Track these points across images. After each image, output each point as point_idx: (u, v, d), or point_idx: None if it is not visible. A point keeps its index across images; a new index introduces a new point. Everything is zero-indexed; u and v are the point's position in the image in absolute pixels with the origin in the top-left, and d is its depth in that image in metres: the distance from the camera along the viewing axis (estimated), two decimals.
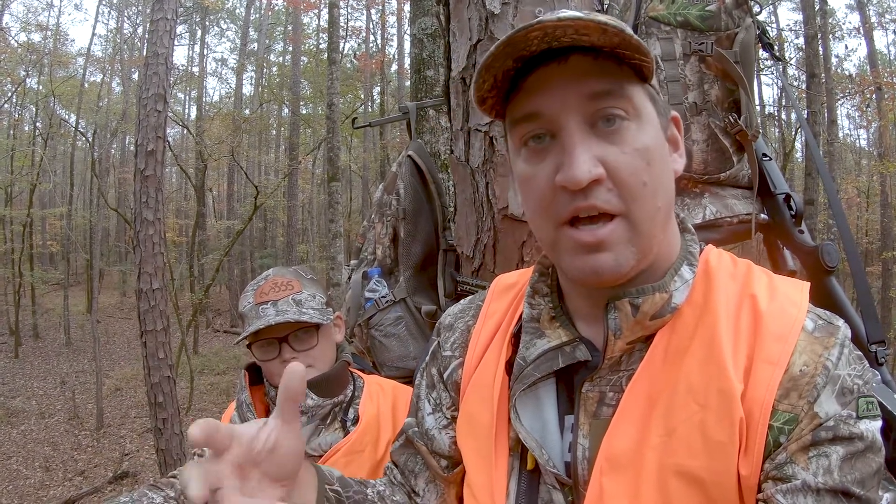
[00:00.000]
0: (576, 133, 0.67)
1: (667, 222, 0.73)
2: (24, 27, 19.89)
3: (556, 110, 0.68)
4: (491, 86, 0.72)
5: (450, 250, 1.71)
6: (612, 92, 0.68)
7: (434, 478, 0.91)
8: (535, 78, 0.70)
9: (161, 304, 5.55)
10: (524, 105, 0.71)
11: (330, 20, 10.17)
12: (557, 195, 0.68)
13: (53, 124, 18.60)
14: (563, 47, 0.68)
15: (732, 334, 0.69)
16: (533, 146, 0.71)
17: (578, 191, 0.67)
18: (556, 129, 0.69)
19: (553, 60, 0.69)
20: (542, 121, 0.70)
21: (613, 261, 0.68)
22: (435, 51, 3.90)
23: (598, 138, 0.68)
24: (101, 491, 8.51)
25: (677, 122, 0.79)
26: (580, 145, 0.67)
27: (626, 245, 0.68)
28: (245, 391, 1.48)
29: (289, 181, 17.52)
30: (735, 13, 1.25)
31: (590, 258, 0.69)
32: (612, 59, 0.68)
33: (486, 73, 0.70)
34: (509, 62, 0.69)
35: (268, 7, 24.08)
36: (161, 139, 5.66)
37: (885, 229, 15.04)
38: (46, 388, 13.58)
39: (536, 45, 0.67)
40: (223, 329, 18.90)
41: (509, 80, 0.72)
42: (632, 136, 0.68)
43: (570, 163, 0.67)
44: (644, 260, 0.70)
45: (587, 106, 0.68)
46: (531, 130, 0.71)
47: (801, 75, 13.18)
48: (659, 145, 0.71)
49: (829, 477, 0.62)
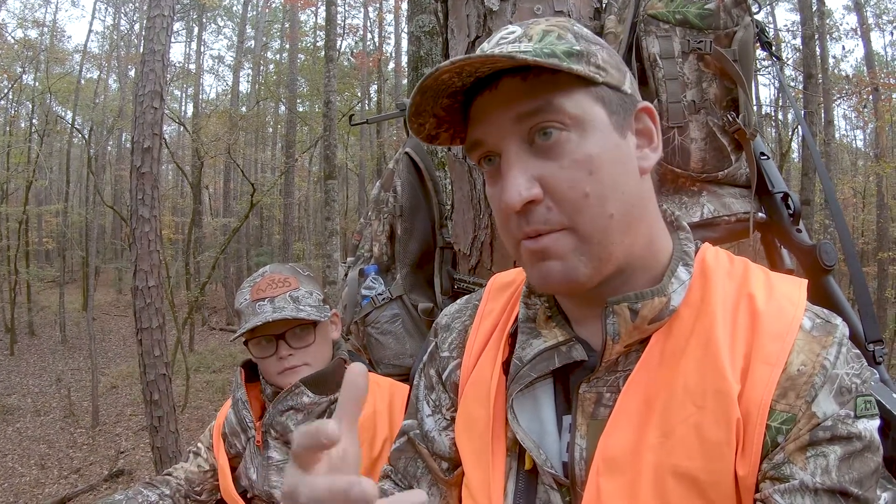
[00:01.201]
0: (512, 157, 0.69)
1: (630, 226, 0.71)
2: (20, 23, 19.86)
3: (493, 137, 0.70)
4: (436, 124, 0.75)
5: (447, 248, 1.70)
6: (540, 108, 0.67)
7: (436, 481, 0.90)
8: (475, 108, 0.72)
9: (157, 302, 5.52)
10: (471, 133, 0.73)
11: (327, 18, 10.14)
12: (510, 216, 0.70)
13: (50, 121, 18.57)
14: (492, 73, 0.69)
15: (730, 334, 0.69)
16: (487, 169, 0.73)
17: (520, 212, 0.68)
18: (497, 154, 0.71)
19: (486, 88, 0.70)
20: (485, 147, 0.72)
21: (562, 268, 0.69)
22: (433, 48, 3.89)
23: (537, 156, 0.68)
24: (96, 489, 8.48)
25: (650, 113, 0.76)
26: (514, 168, 0.68)
27: (574, 254, 0.68)
28: (241, 388, 1.47)
29: (285, 179, 17.52)
30: (734, 12, 1.24)
31: (540, 266, 0.70)
32: (546, 72, 0.67)
33: (418, 118, 0.73)
34: (444, 101, 0.71)
35: (265, 4, 24.04)
36: (157, 136, 5.64)
37: (882, 230, 15.10)
38: (42, 385, 13.54)
39: (459, 81, 0.68)
40: (219, 327, 18.85)
41: (458, 111, 0.74)
42: (571, 148, 0.68)
43: (503, 188, 0.69)
44: (605, 266, 0.70)
45: (519, 127, 0.69)
46: (480, 155, 0.73)
47: (798, 76, 13.20)
48: (607, 150, 0.69)
49: (826, 477, 0.62)
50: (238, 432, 1.44)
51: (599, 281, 0.71)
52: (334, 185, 9.55)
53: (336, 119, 10.02)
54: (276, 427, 1.37)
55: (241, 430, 1.44)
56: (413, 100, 0.70)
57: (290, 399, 1.36)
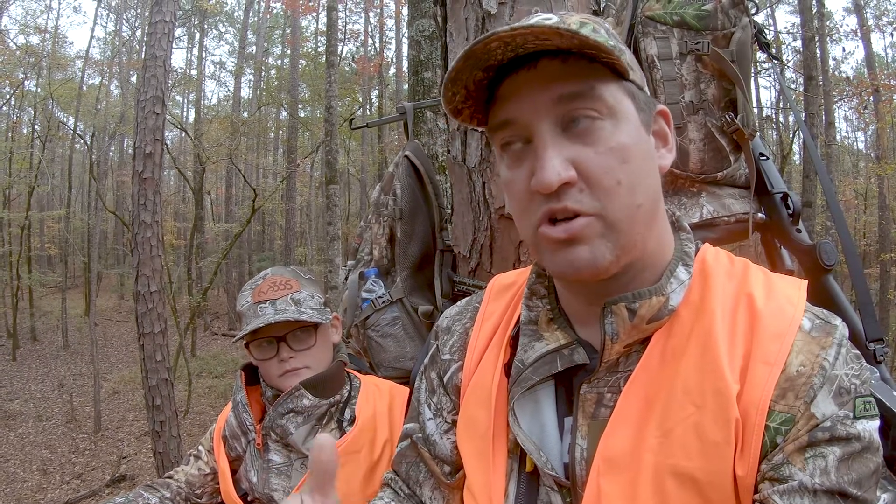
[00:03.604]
0: (547, 138, 0.68)
1: (652, 220, 0.72)
2: (22, 30, 19.87)
3: (527, 116, 0.69)
4: (464, 97, 0.73)
5: (447, 250, 1.70)
6: (581, 93, 0.68)
7: (438, 485, 0.90)
8: (506, 86, 0.71)
9: (159, 307, 5.53)
10: (499, 113, 0.72)
11: (328, 23, 10.19)
12: (534, 198, 0.69)
13: (52, 127, 18.60)
14: (530, 53, 0.68)
15: (729, 334, 0.69)
16: (511, 152, 0.72)
17: (552, 194, 0.67)
18: (529, 135, 0.70)
19: (523, 67, 0.70)
20: (516, 127, 0.71)
21: (589, 254, 0.68)
22: (433, 53, 3.91)
23: (571, 140, 0.68)
24: (98, 494, 8.48)
25: (666, 116, 0.78)
26: (550, 149, 0.68)
27: (601, 240, 0.68)
28: (241, 391, 1.47)
29: (287, 184, 17.51)
30: (731, 12, 1.25)
31: (566, 252, 0.69)
32: (584, 59, 0.68)
33: (453, 85, 0.71)
34: (478, 73, 0.70)
35: (266, 10, 24.07)
36: (159, 142, 5.65)
37: (883, 231, 15.06)
38: (44, 390, 13.54)
39: (501, 54, 0.68)
40: (221, 332, 18.87)
41: (484, 89, 0.73)
42: (606, 136, 0.68)
43: (540, 167, 0.68)
44: (625, 256, 0.70)
45: (557, 109, 0.68)
46: (507, 137, 0.72)
47: (798, 78, 13.21)
48: (637, 143, 0.71)
49: (825, 478, 0.62)
50: (238, 435, 1.44)
51: (617, 271, 0.71)
52: (336, 190, 9.57)
53: (337, 124, 10.04)
54: (276, 430, 1.37)
55: (242, 432, 1.44)
56: (455, 65, 0.68)
57: (290, 402, 1.35)
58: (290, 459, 1.39)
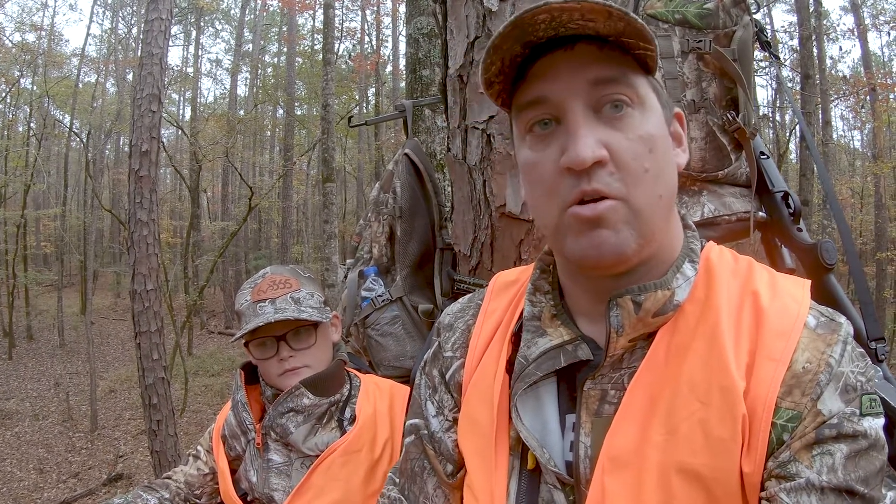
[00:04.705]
0: (580, 116, 0.69)
1: (668, 214, 0.73)
2: (18, 27, 19.79)
3: (561, 95, 0.69)
4: (498, 70, 0.73)
5: (447, 249, 1.70)
6: (616, 79, 0.69)
7: (440, 483, 0.89)
8: (541, 64, 0.71)
9: (155, 306, 5.52)
10: (530, 90, 0.72)
11: (325, 21, 10.18)
12: (563, 179, 0.69)
13: (48, 125, 18.55)
14: (569, 35, 0.69)
15: (734, 331, 0.69)
16: (538, 132, 0.72)
17: (582, 173, 0.67)
18: (561, 114, 0.70)
19: (560, 48, 0.70)
20: (548, 105, 0.71)
21: (614, 237, 0.68)
22: (431, 50, 3.90)
23: (603, 123, 0.69)
24: (95, 493, 8.46)
25: (680, 118, 0.80)
26: (584, 127, 0.68)
27: (626, 226, 0.68)
28: (241, 391, 1.47)
29: (283, 182, 17.51)
30: (733, 11, 1.24)
31: (591, 235, 0.69)
32: (618, 49, 0.70)
33: (495, 53, 0.71)
34: (517, 47, 0.70)
35: (263, 8, 24.05)
36: (155, 140, 5.64)
37: (880, 230, 15.13)
38: (40, 389, 13.51)
39: (543, 29, 0.68)
40: (217, 330, 18.82)
41: (516, 67, 0.73)
42: (636, 123, 0.69)
43: (574, 143, 0.67)
44: (646, 246, 0.70)
45: (592, 92, 0.69)
46: (537, 116, 0.72)
47: (795, 77, 13.23)
48: (662, 135, 0.72)
49: (833, 475, 0.62)
50: (238, 435, 1.44)
51: (637, 262, 0.71)
52: (332, 188, 9.56)
53: (334, 122, 10.03)
54: (276, 429, 1.36)
55: (241, 432, 1.43)
56: (502, 30, 0.68)
57: (290, 401, 1.35)
58: (290, 459, 1.38)
